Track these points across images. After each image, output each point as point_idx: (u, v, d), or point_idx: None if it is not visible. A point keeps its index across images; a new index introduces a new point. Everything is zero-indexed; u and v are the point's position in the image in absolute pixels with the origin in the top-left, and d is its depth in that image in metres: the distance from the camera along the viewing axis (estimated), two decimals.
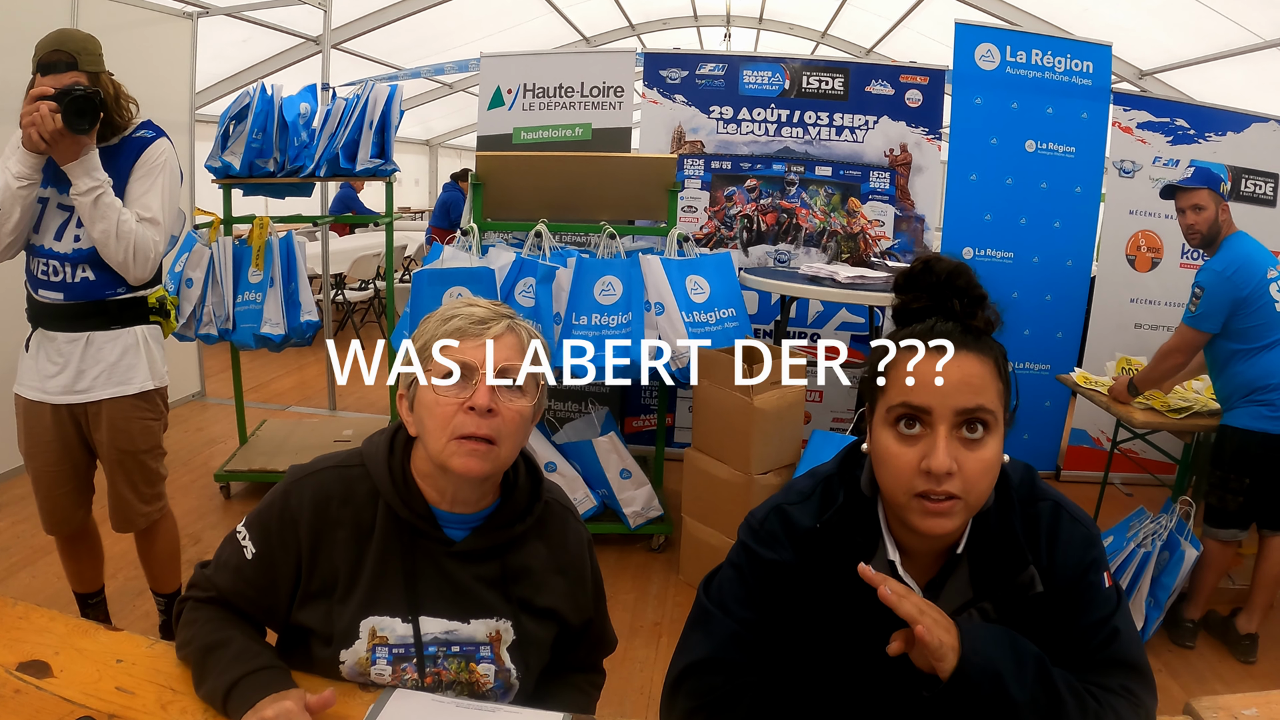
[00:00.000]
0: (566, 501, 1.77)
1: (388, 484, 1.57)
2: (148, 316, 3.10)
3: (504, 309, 1.58)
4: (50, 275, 2.92)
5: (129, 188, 2.92)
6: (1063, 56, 5.55)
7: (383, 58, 10.11)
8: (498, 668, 1.60)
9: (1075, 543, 1.42)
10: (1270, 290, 3.69)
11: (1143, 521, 4.01)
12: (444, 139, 18.14)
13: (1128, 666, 1.39)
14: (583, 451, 4.54)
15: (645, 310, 4.27)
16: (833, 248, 5.86)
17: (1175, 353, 3.89)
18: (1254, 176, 5.72)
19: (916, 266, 1.41)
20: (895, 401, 1.31)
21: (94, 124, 2.71)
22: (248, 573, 1.56)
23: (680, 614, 3.93)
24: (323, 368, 7.06)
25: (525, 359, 1.54)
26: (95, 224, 2.80)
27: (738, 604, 1.48)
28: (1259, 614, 3.88)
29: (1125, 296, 5.82)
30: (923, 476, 1.27)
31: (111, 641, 1.58)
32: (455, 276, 4.03)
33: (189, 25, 6.26)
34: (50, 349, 2.98)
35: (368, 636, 1.54)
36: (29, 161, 2.74)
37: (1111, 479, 5.66)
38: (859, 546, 1.42)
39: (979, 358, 1.30)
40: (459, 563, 1.59)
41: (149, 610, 3.70)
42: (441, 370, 1.50)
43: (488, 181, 4.54)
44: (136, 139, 2.97)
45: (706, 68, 5.75)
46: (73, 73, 2.75)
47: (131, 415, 3.06)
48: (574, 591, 1.72)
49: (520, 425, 1.54)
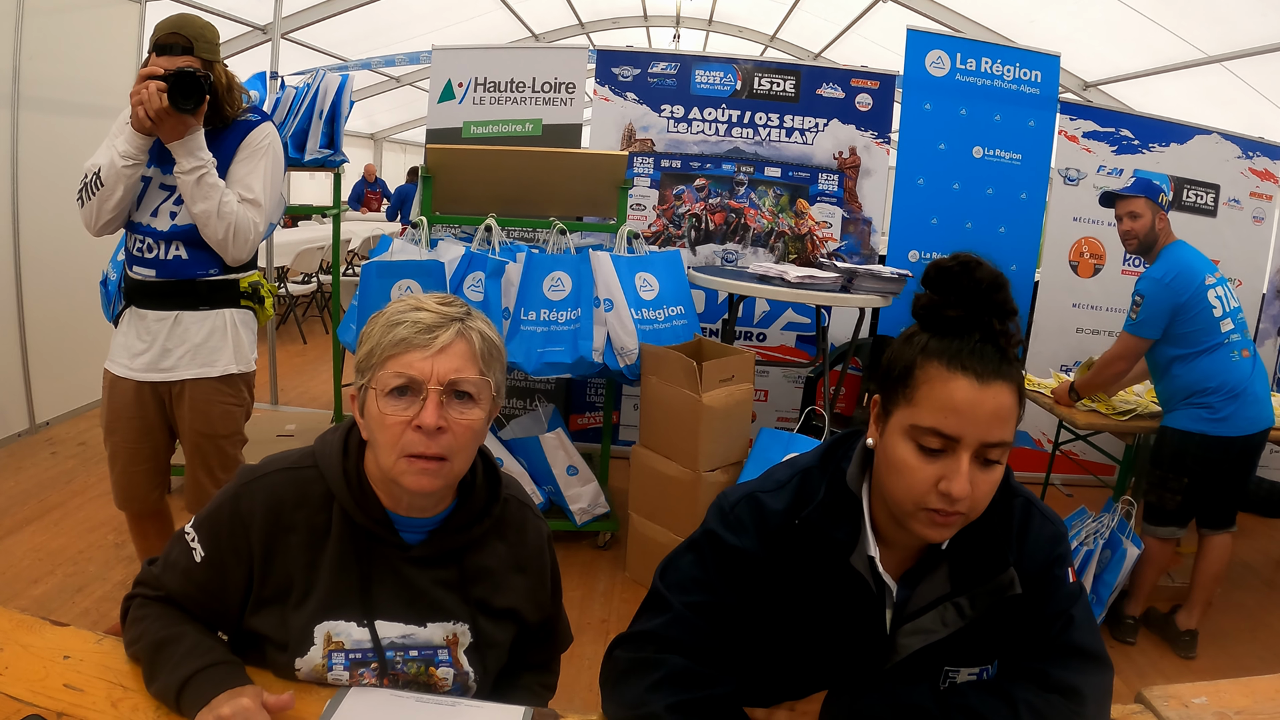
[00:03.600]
0: (525, 497, 1.73)
1: (343, 489, 1.52)
2: (238, 300, 3.07)
3: (454, 308, 1.50)
4: (145, 252, 2.92)
5: (232, 169, 2.92)
6: (1012, 65, 5.62)
7: (331, 49, 10.00)
8: (456, 671, 1.57)
9: (1044, 539, 1.44)
10: (1208, 296, 3.76)
11: (1084, 521, 4.08)
12: (389, 133, 18.00)
13: (1081, 652, 1.42)
14: (529, 448, 4.52)
15: (594, 306, 4.26)
16: (780, 248, 5.89)
17: (1117, 360, 3.95)
18: (1195, 187, 5.84)
19: (953, 266, 1.33)
20: (925, 423, 1.27)
21: (199, 105, 2.70)
22: (196, 576, 1.52)
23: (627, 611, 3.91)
24: (264, 361, 6.95)
25: (478, 363, 1.47)
26: (197, 202, 2.79)
27: (694, 586, 1.46)
28: (1198, 611, 3.97)
29: (1068, 301, 5.91)
30: (938, 495, 1.27)
31: (58, 637, 1.53)
32: (404, 269, 3.99)
33: (136, 10, 6.13)
34: (140, 326, 2.97)
35: (323, 642, 1.50)
36: (136, 141, 2.73)
37: (1052, 480, 5.75)
38: (839, 541, 1.41)
39: (1011, 388, 1.28)
40: (416, 567, 1.55)
41: (88, 607, 3.65)
42: (387, 385, 1.43)
43: (437, 175, 4.51)
44: (242, 122, 2.96)
45: (659, 66, 5.75)
46: (186, 57, 2.73)
47: (213, 398, 3.03)
48: (533, 589, 1.69)
49: (473, 438, 1.49)
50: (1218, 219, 5.89)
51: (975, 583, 1.39)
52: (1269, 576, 4.97)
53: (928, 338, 1.32)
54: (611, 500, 4.73)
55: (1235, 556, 4.80)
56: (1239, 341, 3.81)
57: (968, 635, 1.41)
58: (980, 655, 1.45)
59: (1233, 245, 5.83)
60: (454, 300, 1.52)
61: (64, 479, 4.86)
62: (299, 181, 12.39)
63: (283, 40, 7.24)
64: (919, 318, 1.36)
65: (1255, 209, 5.97)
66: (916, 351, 1.32)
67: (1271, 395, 3.96)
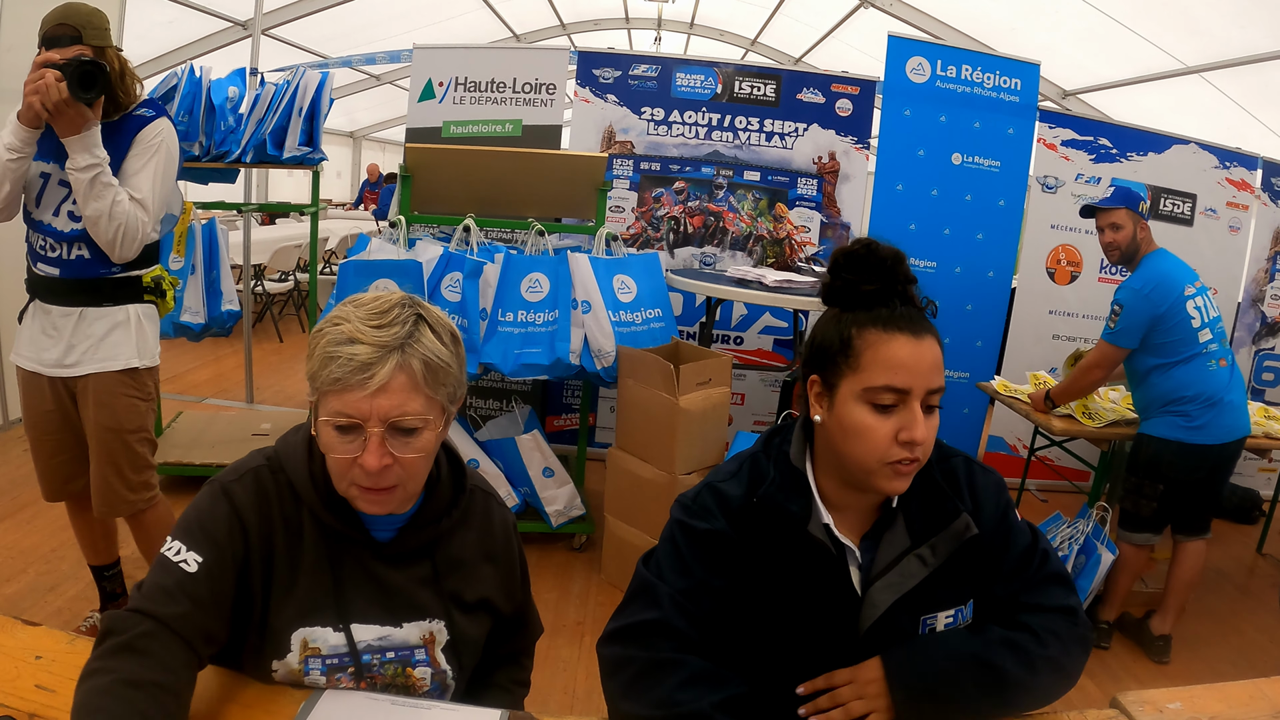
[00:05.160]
0: (487, 486, 1.73)
1: (309, 491, 1.49)
2: (141, 295, 3.07)
3: (392, 332, 1.40)
4: (48, 250, 2.92)
5: (124, 165, 2.89)
6: (992, 73, 5.64)
7: (311, 46, 10.00)
8: (434, 670, 1.56)
9: (990, 488, 1.60)
10: (1187, 307, 3.78)
11: (1059, 526, 4.11)
12: (369, 131, 17.96)
13: (1061, 578, 1.59)
14: (505, 449, 4.50)
15: (572, 308, 4.25)
16: (758, 252, 5.90)
17: (1094, 368, 3.97)
18: (1173, 196, 5.88)
19: (858, 249, 1.49)
20: (877, 383, 1.41)
21: (100, 94, 2.69)
22: (194, 588, 1.39)
23: (603, 613, 3.92)
24: (240, 359, 6.92)
25: (422, 391, 1.41)
26: (89, 202, 2.76)
27: (675, 573, 1.50)
28: (1172, 616, 4.00)
29: (1044, 308, 5.94)
30: (900, 446, 1.41)
31: (30, 637, 1.51)
32: (382, 268, 3.97)
33: (118, 3, 6.07)
34: (45, 322, 2.97)
35: (299, 648, 1.48)
36: (23, 134, 2.71)
37: (1028, 485, 5.78)
38: (794, 514, 1.50)
39: (936, 340, 1.45)
40: (388, 565, 1.54)
41: (61, 606, 3.63)
42: (330, 420, 1.39)
43: (416, 174, 4.49)
44: (137, 116, 2.93)
45: (640, 69, 5.74)
46: (77, 46, 2.71)
47: (117, 391, 3.02)
48: (504, 578, 1.70)
49: (423, 462, 1.47)
50: (1194, 228, 5.93)
51: (931, 532, 1.52)
52: (1241, 582, 5.00)
53: (854, 313, 1.47)
54: (587, 502, 4.72)
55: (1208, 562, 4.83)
56: (1217, 351, 3.83)
57: (936, 582, 1.52)
58: (952, 599, 1.55)
59: (1209, 254, 5.85)
60: (393, 318, 1.42)
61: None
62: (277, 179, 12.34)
63: (263, 36, 7.21)
64: (836, 301, 1.51)
65: (1231, 219, 6.02)
66: (849, 326, 1.46)
67: (1248, 403, 3.99)
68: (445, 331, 1.47)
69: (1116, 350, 3.89)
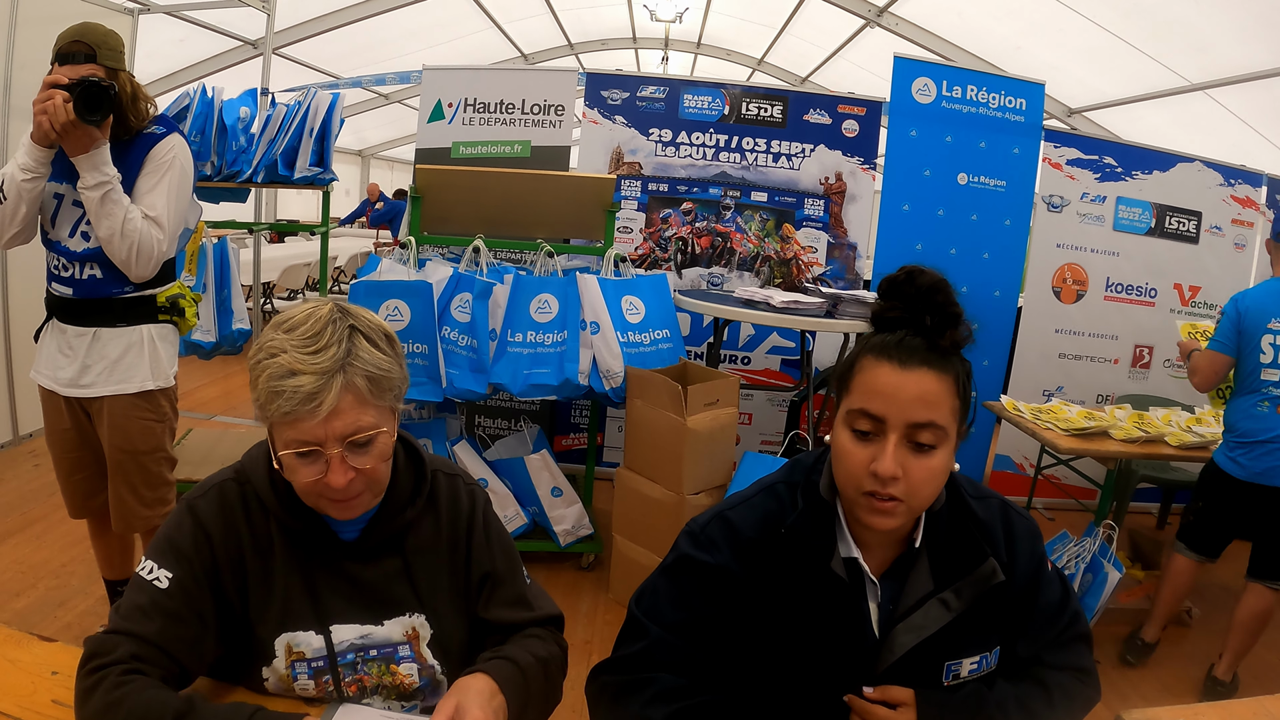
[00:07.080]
0: (451, 468, 1.71)
1: (272, 499, 1.51)
2: (156, 315, 3.05)
3: (328, 355, 1.39)
4: (61, 270, 2.92)
5: (137, 183, 2.89)
6: (997, 93, 5.65)
7: (321, 65, 10.04)
8: (420, 665, 1.58)
9: (1026, 535, 1.56)
10: (1262, 342, 3.70)
11: (1066, 545, 4.11)
12: (377, 149, 18.01)
13: (1087, 639, 1.62)
14: (514, 468, 4.51)
15: (581, 329, 4.27)
16: (766, 272, 5.91)
17: (1193, 373, 3.94)
18: (1177, 214, 5.89)
19: (900, 276, 1.46)
20: (856, 406, 1.39)
21: (106, 116, 2.68)
22: (167, 604, 1.43)
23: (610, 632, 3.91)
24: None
25: (370, 403, 1.43)
26: (101, 221, 2.76)
27: (669, 607, 1.51)
28: (1228, 658, 3.86)
29: (1050, 327, 5.94)
30: (870, 477, 1.36)
31: (46, 653, 1.53)
32: (392, 289, 4.00)
33: (129, 21, 6.13)
34: (61, 341, 2.98)
35: (284, 653, 1.51)
36: (36, 154, 2.71)
37: (1035, 503, 5.78)
38: (820, 547, 1.48)
39: (938, 375, 1.38)
40: (360, 563, 1.56)
41: (71, 621, 3.64)
42: (288, 448, 1.41)
43: (426, 195, 4.52)
44: (148, 134, 2.92)
45: (648, 90, 5.78)
46: (90, 65, 2.71)
47: (131, 414, 3.02)
48: (478, 552, 1.65)
49: (385, 466, 1.51)
50: (1200, 246, 5.94)
51: (956, 576, 1.48)
52: None
53: (869, 337, 1.45)
54: (595, 522, 4.72)
55: (1216, 579, 4.84)
56: (1274, 395, 3.68)
57: (962, 627, 1.48)
58: (977, 645, 1.52)
59: (1214, 272, 5.89)
60: (328, 339, 1.41)
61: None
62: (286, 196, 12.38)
63: (274, 56, 7.26)
64: (873, 325, 1.48)
65: (1237, 236, 6.03)
66: (858, 349, 1.46)
67: None
68: (380, 336, 1.48)
69: (1213, 356, 3.84)
